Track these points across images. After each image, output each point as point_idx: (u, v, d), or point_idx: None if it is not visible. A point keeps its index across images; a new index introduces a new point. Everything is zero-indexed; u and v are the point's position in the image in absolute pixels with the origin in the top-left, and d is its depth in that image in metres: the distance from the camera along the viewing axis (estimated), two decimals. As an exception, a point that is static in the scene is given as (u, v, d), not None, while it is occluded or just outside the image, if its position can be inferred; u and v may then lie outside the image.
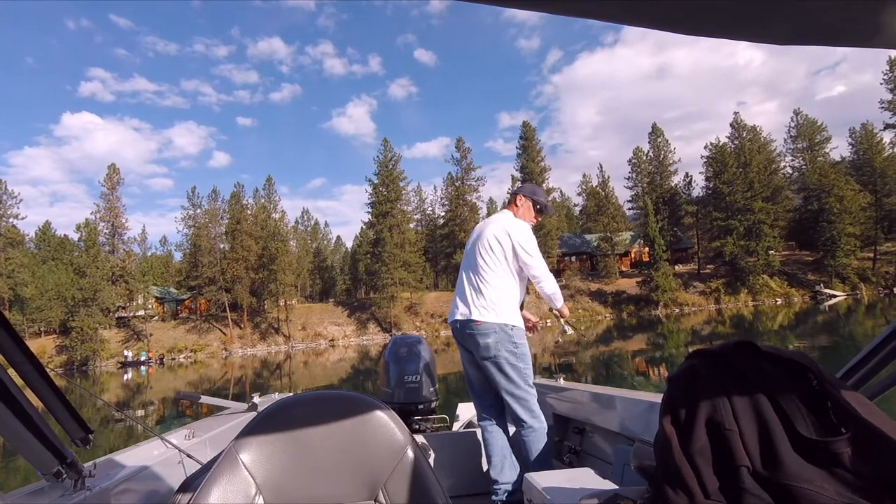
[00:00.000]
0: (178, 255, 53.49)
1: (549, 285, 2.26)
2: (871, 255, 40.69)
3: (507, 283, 2.21)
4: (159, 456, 1.50)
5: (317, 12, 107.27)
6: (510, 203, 2.46)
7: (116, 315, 42.27)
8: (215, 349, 40.94)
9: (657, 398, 1.74)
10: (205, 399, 2.38)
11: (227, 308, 42.75)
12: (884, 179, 40.38)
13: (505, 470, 2.16)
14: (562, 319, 2.53)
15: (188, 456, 1.56)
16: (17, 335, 0.88)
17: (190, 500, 0.91)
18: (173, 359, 39.40)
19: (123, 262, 41.77)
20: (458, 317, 2.23)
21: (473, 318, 2.16)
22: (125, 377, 28.67)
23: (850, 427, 0.56)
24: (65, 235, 54.87)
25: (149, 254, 55.00)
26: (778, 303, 39.62)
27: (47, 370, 0.96)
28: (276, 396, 2.76)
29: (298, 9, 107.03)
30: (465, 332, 2.19)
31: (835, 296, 38.27)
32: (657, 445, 0.67)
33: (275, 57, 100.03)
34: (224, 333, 42.45)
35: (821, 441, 0.57)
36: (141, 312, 42.80)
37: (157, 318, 44.83)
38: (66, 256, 48.97)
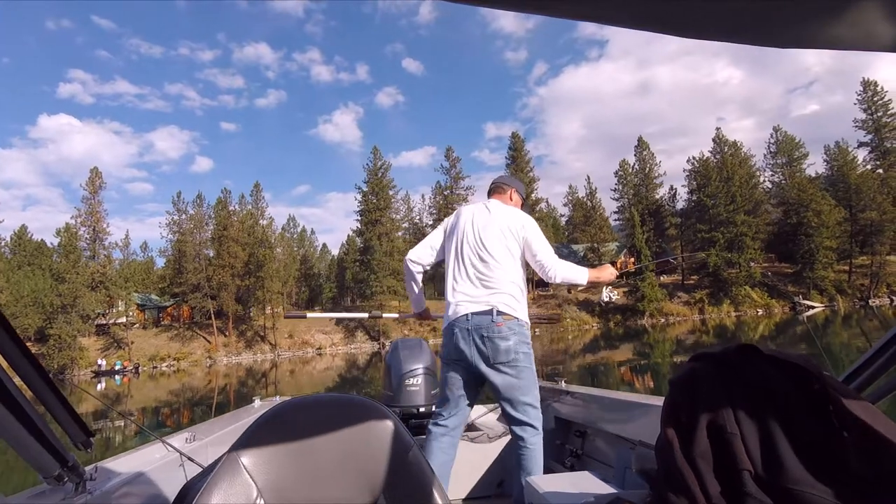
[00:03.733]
0: (160, 262, 52.48)
1: (563, 269, 2.08)
2: (847, 268, 41.98)
3: (521, 277, 2.07)
4: (160, 459, 1.48)
5: (305, 18, 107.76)
6: (499, 192, 2.27)
7: (96, 322, 41.16)
8: (199, 357, 40.06)
9: (659, 402, 1.76)
10: (311, 315, 2.44)
11: (212, 315, 41.97)
12: (858, 195, 41.67)
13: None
14: (605, 288, 2.38)
15: (189, 459, 1.53)
16: (18, 336, 0.87)
17: (191, 503, 0.91)
18: (155, 367, 38.38)
19: (104, 268, 40.79)
20: (467, 311, 1.95)
21: (493, 315, 1.92)
22: (98, 386, 27.81)
23: (853, 431, 0.56)
24: (41, 240, 53.38)
25: (129, 260, 53.80)
26: (759, 313, 40.48)
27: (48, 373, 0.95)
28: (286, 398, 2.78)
29: (286, 14, 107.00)
30: (480, 335, 1.92)
31: (813, 307, 39.30)
32: (659, 449, 0.66)
33: (261, 62, 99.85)
34: (208, 341, 41.60)
35: (823, 445, 0.56)
36: (122, 319, 41.71)
37: (138, 325, 43.76)
38: (43, 262, 47.55)
